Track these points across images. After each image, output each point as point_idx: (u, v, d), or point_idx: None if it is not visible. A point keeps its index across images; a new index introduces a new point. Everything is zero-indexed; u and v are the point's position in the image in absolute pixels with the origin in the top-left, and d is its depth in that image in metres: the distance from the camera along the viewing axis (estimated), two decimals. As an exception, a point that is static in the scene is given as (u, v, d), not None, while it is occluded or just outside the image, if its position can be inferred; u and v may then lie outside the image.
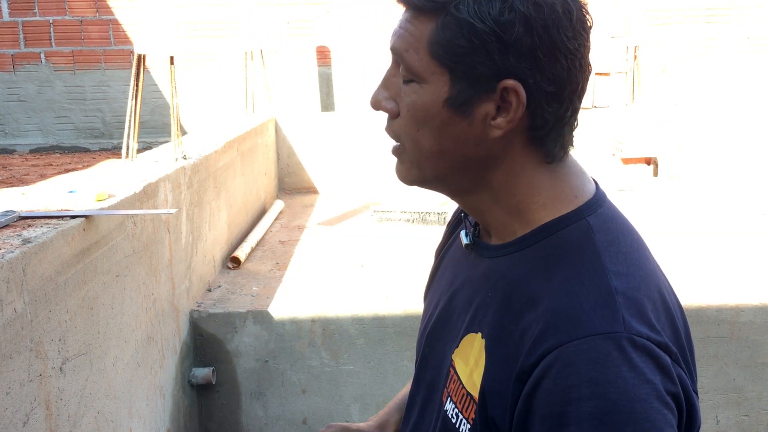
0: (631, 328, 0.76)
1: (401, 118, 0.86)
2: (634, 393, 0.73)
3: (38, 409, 1.67)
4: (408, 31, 0.84)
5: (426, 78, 0.83)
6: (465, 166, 0.87)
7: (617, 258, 0.82)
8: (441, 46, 0.81)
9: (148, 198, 2.57)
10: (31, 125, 7.87)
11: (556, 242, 0.84)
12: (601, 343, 0.74)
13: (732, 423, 3.28)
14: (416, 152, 0.87)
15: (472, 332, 0.89)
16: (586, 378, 0.73)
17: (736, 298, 3.25)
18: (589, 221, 0.85)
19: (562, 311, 0.77)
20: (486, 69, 0.80)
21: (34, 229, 1.82)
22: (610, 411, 0.72)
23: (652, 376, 0.74)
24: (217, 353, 3.21)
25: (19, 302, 1.60)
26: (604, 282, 0.79)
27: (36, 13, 7.69)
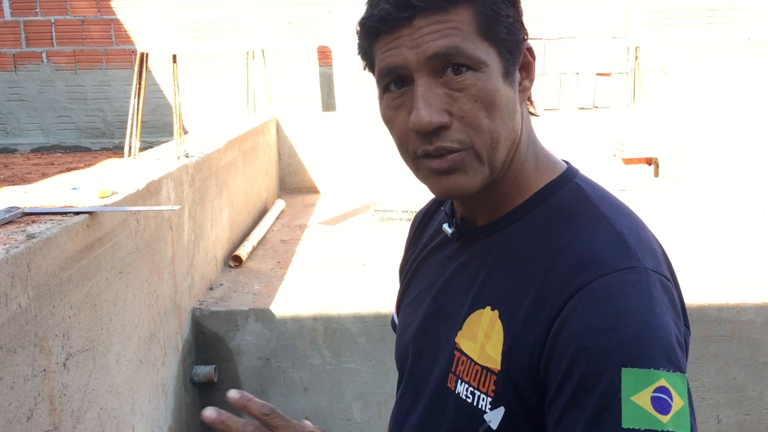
0: (646, 262, 0.81)
1: (467, 117, 0.83)
2: (656, 321, 0.77)
3: (42, 404, 1.67)
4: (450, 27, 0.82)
5: (485, 61, 0.82)
6: (512, 141, 0.88)
7: (612, 209, 0.88)
8: (493, 22, 0.83)
9: (150, 195, 2.57)
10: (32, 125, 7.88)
11: (555, 204, 0.89)
12: (623, 277, 0.79)
13: (733, 422, 3.28)
14: (491, 142, 0.84)
15: (478, 309, 0.90)
16: (613, 310, 0.77)
17: (738, 297, 3.25)
18: (577, 182, 0.91)
19: (582, 256, 0.81)
20: (520, 35, 0.86)
21: (38, 225, 1.83)
22: (637, 339, 0.75)
23: (668, 308, 0.80)
24: (218, 351, 3.21)
25: (24, 297, 1.61)
26: (611, 228, 0.84)
27: (38, 13, 7.71)
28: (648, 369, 0.74)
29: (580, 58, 6.61)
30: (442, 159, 0.84)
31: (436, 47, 0.81)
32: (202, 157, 3.49)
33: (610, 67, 6.64)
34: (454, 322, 0.94)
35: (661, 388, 0.74)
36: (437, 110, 0.82)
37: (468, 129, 0.83)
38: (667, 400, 0.74)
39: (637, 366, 0.74)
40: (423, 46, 0.81)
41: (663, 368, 0.75)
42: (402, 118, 0.85)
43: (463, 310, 0.93)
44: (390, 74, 0.84)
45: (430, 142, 0.84)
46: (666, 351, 0.76)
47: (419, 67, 0.82)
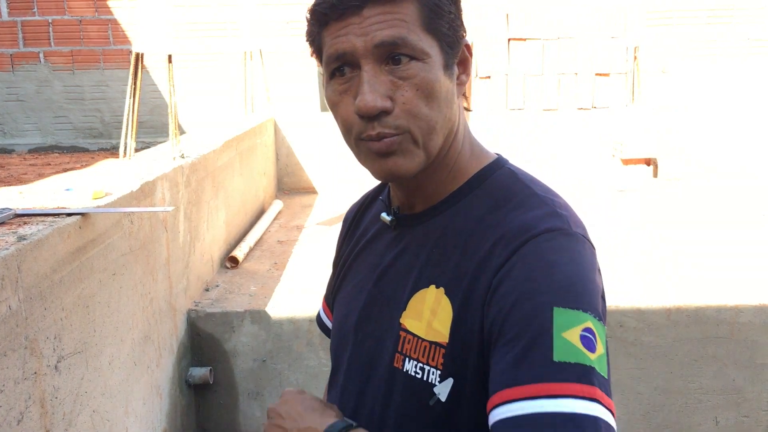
0: (575, 228, 0.89)
1: (408, 104, 0.88)
2: (586, 274, 0.84)
3: (33, 407, 1.66)
4: (395, 18, 0.87)
5: (428, 52, 0.88)
6: (449, 132, 0.94)
7: (544, 189, 0.95)
8: (436, 17, 0.88)
9: (145, 196, 2.55)
10: (29, 125, 7.86)
11: (491, 186, 0.95)
12: (556, 236, 0.86)
13: (731, 424, 3.27)
14: (427, 130, 0.90)
15: (421, 289, 0.94)
16: (546, 261, 0.83)
17: (736, 298, 3.24)
18: (509, 167, 0.98)
19: (519, 226, 0.88)
20: (461, 30, 0.92)
21: (30, 227, 1.81)
22: (568, 284, 0.82)
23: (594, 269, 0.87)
24: (214, 353, 3.19)
25: (14, 299, 1.59)
26: (543, 203, 0.91)
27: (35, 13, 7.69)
28: (577, 310, 0.80)
29: (578, 58, 6.60)
30: (381, 142, 0.89)
31: (383, 36, 0.86)
32: (198, 158, 3.48)
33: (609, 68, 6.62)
34: (397, 304, 0.97)
35: (588, 329, 0.80)
36: (381, 95, 0.87)
37: (407, 115, 0.88)
38: (593, 340, 0.79)
39: (568, 306, 0.80)
40: (371, 34, 0.86)
41: (590, 313, 0.81)
42: (347, 102, 0.90)
43: (405, 292, 0.97)
44: (338, 60, 0.88)
45: (372, 127, 0.88)
46: (593, 300, 0.82)
47: (366, 54, 0.87)
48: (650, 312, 3.20)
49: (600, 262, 0.96)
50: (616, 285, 3.48)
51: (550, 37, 6.64)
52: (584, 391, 0.76)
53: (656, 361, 3.22)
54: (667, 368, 3.23)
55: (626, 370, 3.21)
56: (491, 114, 6.62)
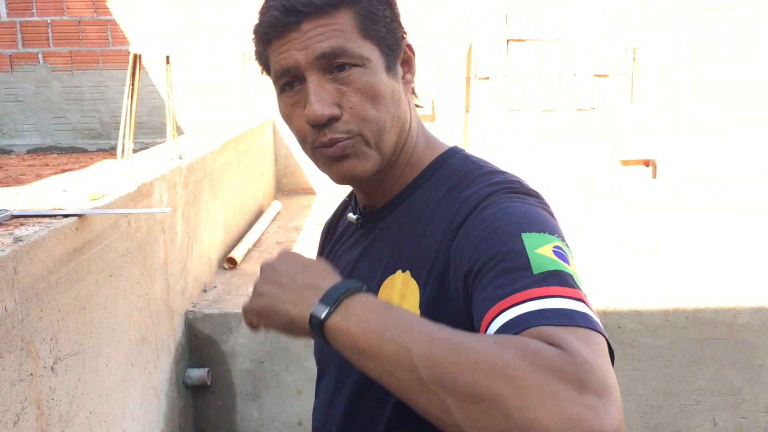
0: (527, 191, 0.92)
1: (354, 108, 0.92)
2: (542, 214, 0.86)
3: (29, 409, 1.66)
4: (333, 29, 0.91)
5: (368, 57, 0.92)
6: (401, 128, 0.98)
7: (494, 168, 0.99)
8: (373, 22, 0.93)
9: (142, 197, 2.55)
10: (28, 125, 7.85)
11: (447, 172, 0.99)
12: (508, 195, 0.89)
13: (729, 425, 3.27)
14: (377, 129, 0.94)
15: (389, 276, 0.97)
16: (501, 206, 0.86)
17: (734, 300, 3.24)
18: (464, 153, 1.03)
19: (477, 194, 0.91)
20: (398, 33, 0.96)
21: (26, 228, 1.81)
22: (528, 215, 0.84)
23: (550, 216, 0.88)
24: (212, 354, 3.19)
25: (10, 301, 1.59)
26: (497, 179, 0.94)
27: (34, 13, 7.68)
28: (543, 233, 0.82)
29: (577, 59, 6.60)
30: (334, 147, 0.94)
31: (322, 48, 0.90)
32: (196, 159, 3.47)
33: (608, 68, 6.63)
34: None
35: (558, 247, 0.81)
36: (328, 103, 0.91)
37: (356, 119, 0.93)
38: (565, 255, 0.81)
39: (534, 231, 0.82)
40: (311, 47, 0.90)
41: (556, 236, 0.83)
42: (298, 114, 0.94)
43: (375, 282, 0.99)
44: (284, 75, 0.93)
45: (324, 134, 0.93)
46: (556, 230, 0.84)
47: (309, 66, 0.91)
48: (648, 313, 3.19)
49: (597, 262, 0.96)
50: (614, 286, 3.48)
51: (550, 37, 6.64)
52: (569, 293, 0.76)
53: (654, 363, 3.22)
54: (665, 370, 3.23)
55: (624, 371, 3.21)
56: (490, 115, 6.62)
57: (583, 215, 5.11)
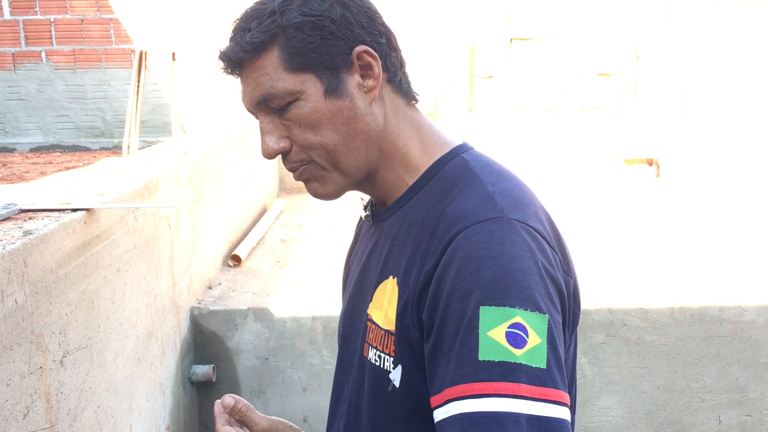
0: (509, 213, 0.89)
1: (299, 139, 0.97)
2: (516, 264, 0.84)
3: (38, 402, 1.66)
4: (260, 75, 0.95)
5: (300, 90, 0.94)
6: (366, 141, 0.98)
7: (492, 174, 0.96)
8: (296, 55, 0.93)
9: (148, 193, 2.55)
10: (31, 124, 7.85)
11: (441, 178, 0.98)
12: (486, 226, 0.87)
13: (734, 423, 3.27)
14: (326, 153, 0.97)
15: (383, 280, 1.00)
16: (474, 255, 0.85)
17: (739, 297, 3.24)
18: (463, 156, 1.00)
19: (454, 215, 0.90)
20: (337, 48, 0.94)
21: (35, 222, 1.81)
22: (495, 280, 0.83)
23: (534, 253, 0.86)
24: (217, 351, 3.19)
25: (20, 294, 1.59)
26: (483, 189, 0.93)
27: (37, 12, 7.69)
28: (503, 307, 0.82)
29: (581, 58, 6.60)
30: (296, 172, 1.01)
31: (254, 97, 0.97)
32: (201, 156, 3.48)
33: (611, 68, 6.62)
34: (367, 296, 1.03)
35: (517, 324, 0.81)
36: (276, 139, 0.98)
37: (303, 149, 0.97)
38: (522, 335, 0.81)
39: (493, 305, 0.82)
40: (248, 96, 0.98)
41: (519, 307, 0.82)
42: None
43: (372, 283, 1.03)
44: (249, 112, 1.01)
45: (286, 161, 1.00)
46: (525, 292, 0.83)
47: (255, 110, 0.99)
48: (653, 311, 3.19)
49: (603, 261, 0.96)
50: (619, 284, 3.48)
51: (553, 37, 6.64)
52: (507, 389, 0.79)
53: (659, 360, 3.22)
54: (670, 367, 3.23)
55: (629, 368, 3.21)
56: (493, 114, 6.62)
57: (586, 214, 5.10)
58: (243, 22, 0.98)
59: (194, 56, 7.56)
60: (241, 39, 0.96)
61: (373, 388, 1.00)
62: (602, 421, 3.22)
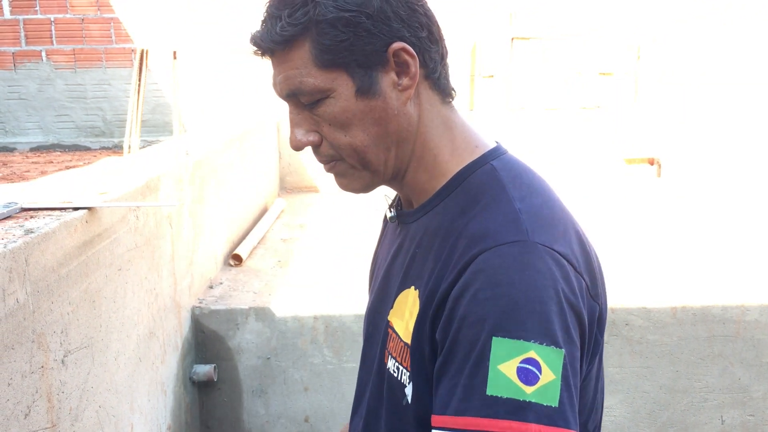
0: (535, 236, 0.84)
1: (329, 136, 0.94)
2: (535, 294, 0.80)
3: (40, 402, 1.65)
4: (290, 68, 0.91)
5: (331, 87, 0.90)
6: (397, 141, 0.94)
7: (521, 188, 0.91)
8: (327, 52, 0.89)
9: (150, 192, 2.55)
10: (31, 123, 7.85)
11: (468, 187, 0.94)
12: (508, 250, 0.83)
13: (737, 423, 3.26)
14: (356, 154, 0.94)
15: (405, 289, 0.97)
16: (493, 281, 0.81)
17: (742, 297, 3.23)
18: (493, 164, 0.95)
19: (476, 233, 0.86)
20: (372, 46, 0.89)
21: (37, 220, 1.80)
22: (511, 310, 0.79)
23: (556, 281, 0.81)
24: (218, 350, 3.18)
25: (22, 292, 1.58)
26: (509, 206, 0.88)
27: (37, 11, 7.68)
28: (517, 340, 0.78)
29: (581, 58, 6.59)
30: (326, 165, 0.98)
31: (284, 90, 0.93)
32: (202, 156, 3.47)
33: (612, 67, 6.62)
34: (389, 300, 1.01)
35: (530, 359, 0.78)
36: (304, 132, 0.95)
37: (332, 147, 0.94)
38: (534, 371, 0.78)
39: (507, 336, 0.78)
40: (279, 85, 0.94)
41: (534, 340, 0.78)
42: None
43: (394, 289, 1.01)
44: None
45: (316, 153, 0.97)
46: (542, 324, 0.79)
47: (285, 99, 0.95)
48: (656, 310, 3.19)
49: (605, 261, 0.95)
50: (622, 283, 3.47)
51: (554, 35, 6.63)
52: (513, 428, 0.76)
53: (662, 360, 3.21)
54: (673, 367, 3.22)
55: (632, 368, 3.20)
56: (494, 113, 6.61)
57: (587, 213, 5.10)
58: (275, 7, 0.91)
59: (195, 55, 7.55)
60: (272, 27, 0.90)
61: (390, 399, 0.98)
62: (605, 421, 3.21)
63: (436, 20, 0.95)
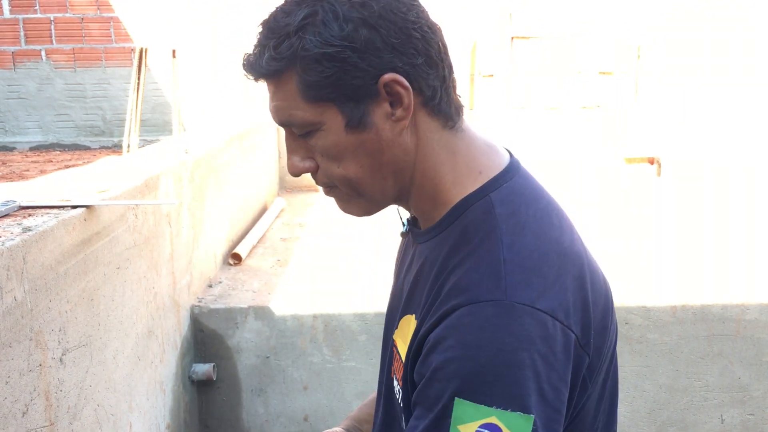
0: (514, 295, 0.81)
1: (322, 166, 0.93)
2: (505, 358, 0.78)
3: (38, 400, 1.64)
4: (280, 99, 0.90)
5: (320, 121, 0.88)
6: (393, 171, 0.92)
7: (514, 228, 0.87)
8: (313, 88, 0.86)
9: (149, 191, 2.54)
10: (31, 123, 7.84)
11: (464, 222, 0.90)
12: (482, 310, 0.80)
13: (737, 422, 3.25)
14: (350, 184, 0.93)
15: (408, 314, 0.96)
16: (463, 341, 0.80)
17: (742, 295, 3.22)
18: (491, 197, 0.90)
19: (458, 283, 0.85)
20: (360, 80, 0.86)
21: (35, 219, 1.80)
22: (478, 373, 0.78)
23: (528, 344, 0.79)
24: (217, 349, 3.18)
25: (19, 290, 1.58)
26: (494, 254, 0.84)
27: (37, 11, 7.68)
28: (479, 405, 0.78)
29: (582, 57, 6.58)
30: (324, 190, 0.98)
31: (277, 119, 0.92)
32: (202, 154, 3.46)
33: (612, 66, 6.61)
34: (396, 317, 1.02)
35: (490, 425, 0.77)
36: (301, 158, 0.94)
37: (327, 176, 0.94)
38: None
39: (469, 399, 0.78)
40: (273, 112, 0.92)
41: (497, 406, 0.77)
42: None
43: (399, 309, 1.01)
44: None
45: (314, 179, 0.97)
46: (509, 389, 0.77)
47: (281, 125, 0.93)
48: (656, 309, 3.18)
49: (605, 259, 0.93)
50: (621, 282, 3.46)
51: (554, 35, 6.63)
52: None
53: (661, 359, 3.20)
54: (673, 366, 3.21)
55: (631, 367, 3.20)
56: (494, 112, 6.61)
57: (587, 212, 5.09)
58: (263, 35, 0.89)
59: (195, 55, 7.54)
60: (259, 57, 0.88)
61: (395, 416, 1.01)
62: (604, 420, 3.21)
63: (437, 40, 0.90)
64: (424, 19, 0.89)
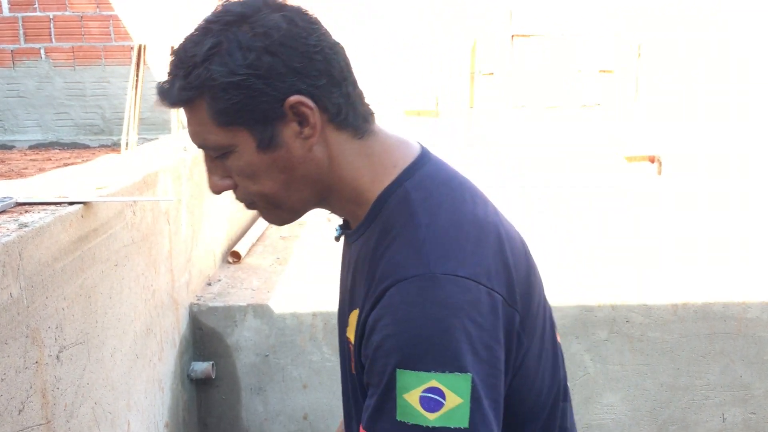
0: (436, 267, 0.87)
1: (240, 185, 0.99)
2: (433, 327, 0.85)
3: (34, 397, 1.63)
4: (194, 125, 0.96)
5: (233, 144, 0.94)
6: (308, 183, 0.99)
7: (430, 209, 0.94)
8: (223, 114, 0.92)
9: (147, 187, 2.53)
10: (30, 121, 7.83)
11: (385, 215, 0.97)
12: (408, 287, 0.87)
13: (738, 420, 3.24)
14: (267, 199, 0.99)
15: (354, 309, 1.01)
16: (396, 318, 0.86)
17: (744, 294, 3.21)
18: (406, 186, 0.97)
19: (386, 266, 0.91)
20: (266, 104, 0.91)
21: (31, 215, 1.78)
22: (414, 344, 0.85)
23: (455, 310, 0.85)
24: (216, 347, 3.16)
25: (15, 287, 1.56)
26: (414, 235, 0.91)
27: (36, 9, 7.66)
28: (418, 372, 0.84)
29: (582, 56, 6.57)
30: (245, 205, 1.04)
31: (194, 142, 0.98)
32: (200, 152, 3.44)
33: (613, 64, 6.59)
34: (345, 316, 1.06)
35: (432, 388, 0.84)
36: (219, 177, 1.00)
37: (245, 193, 1.00)
38: (437, 399, 0.84)
39: (409, 368, 0.85)
40: (190, 135, 0.99)
41: (435, 370, 0.84)
42: None
43: (346, 308, 1.07)
44: None
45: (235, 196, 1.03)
46: (443, 353, 0.84)
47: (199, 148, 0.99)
48: (657, 308, 3.17)
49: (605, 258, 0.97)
50: (622, 281, 3.45)
51: (554, 33, 6.61)
52: None
53: (663, 357, 3.19)
54: (674, 364, 3.20)
55: (632, 366, 3.18)
56: (494, 111, 6.59)
57: (588, 211, 5.08)
58: (174, 64, 0.95)
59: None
60: (171, 86, 0.94)
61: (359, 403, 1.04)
62: (605, 419, 3.20)
63: (339, 60, 0.95)
64: (326, 42, 0.94)
